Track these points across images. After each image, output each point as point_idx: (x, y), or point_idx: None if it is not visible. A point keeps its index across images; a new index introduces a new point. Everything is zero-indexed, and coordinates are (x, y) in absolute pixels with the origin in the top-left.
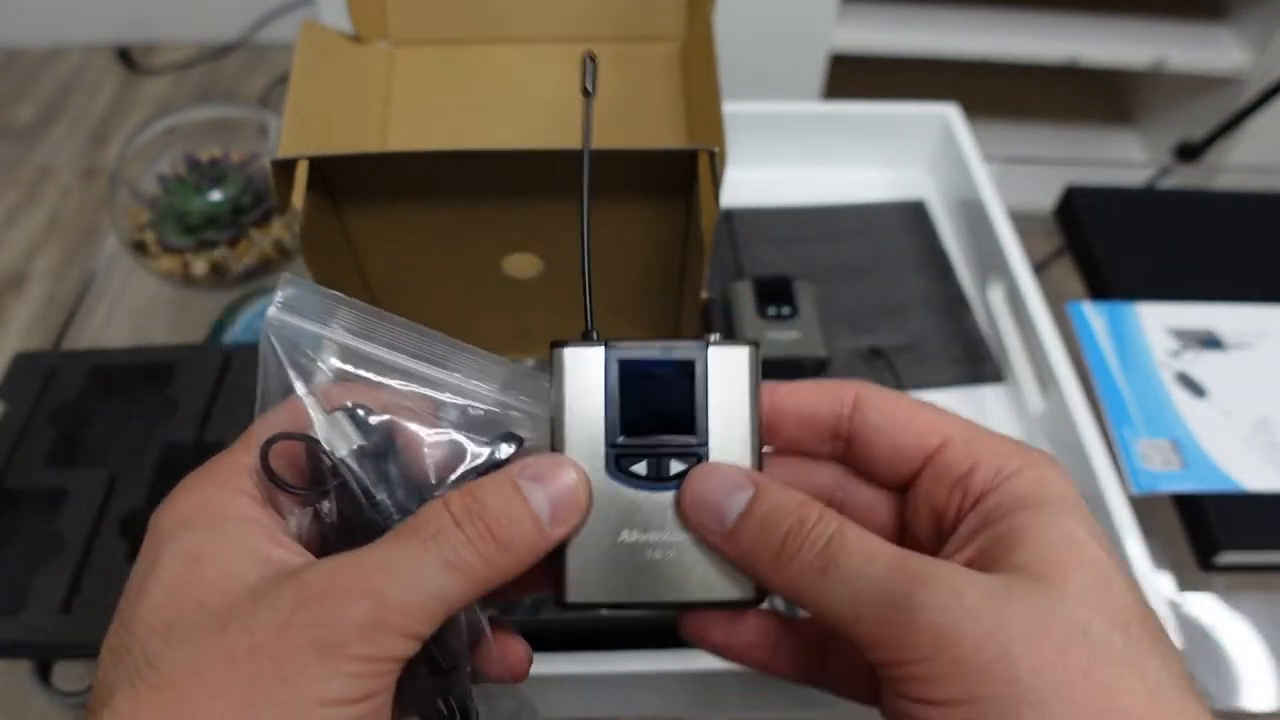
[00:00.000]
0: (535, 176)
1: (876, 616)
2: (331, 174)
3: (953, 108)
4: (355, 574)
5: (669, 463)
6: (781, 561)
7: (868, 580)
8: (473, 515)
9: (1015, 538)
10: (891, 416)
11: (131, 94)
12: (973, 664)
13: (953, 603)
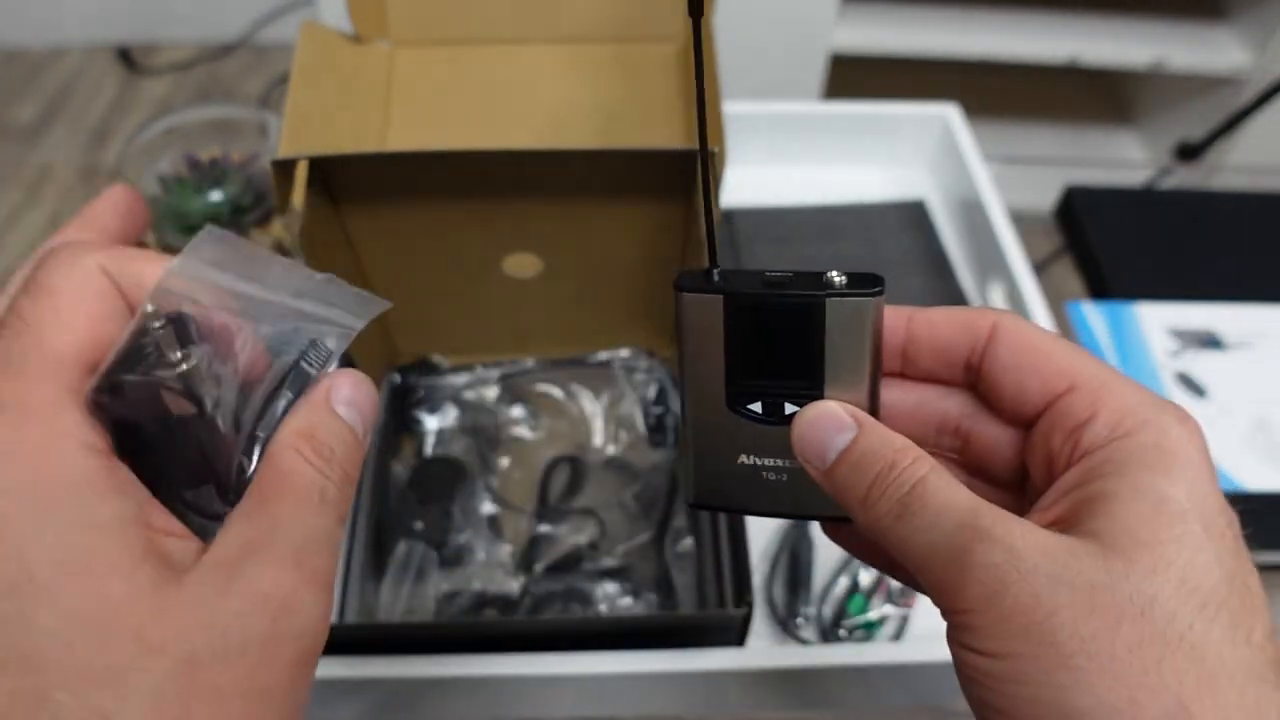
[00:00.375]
0: (535, 176)
1: (940, 565)
2: (331, 174)
3: (953, 108)
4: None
5: (783, 404)
6: (867, 503)
7: (938, 531)
8: (329, 461)
9: (1101, 503)
10: (1022, 355)
11: (132, 94)
12: (1017, 623)
13: (1006, 561)
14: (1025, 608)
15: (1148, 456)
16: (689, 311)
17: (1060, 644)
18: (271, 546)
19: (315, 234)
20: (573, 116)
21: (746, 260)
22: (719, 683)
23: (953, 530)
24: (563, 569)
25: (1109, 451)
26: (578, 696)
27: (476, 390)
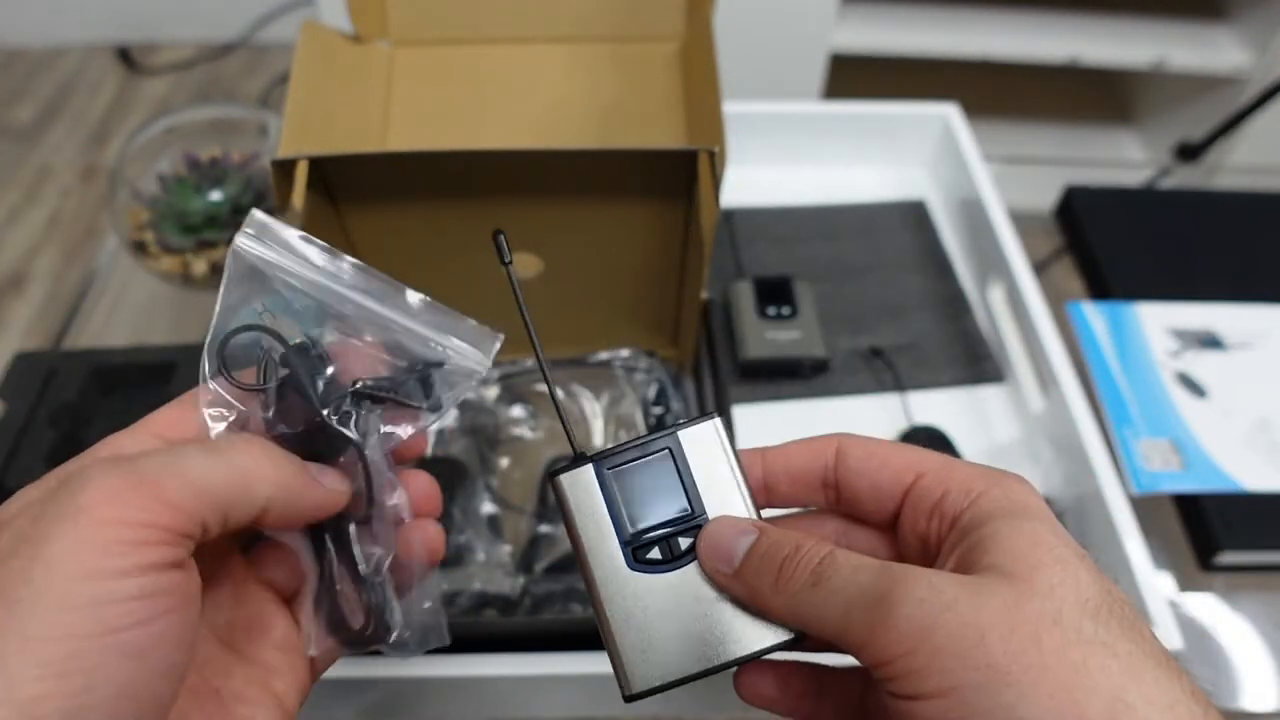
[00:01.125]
0: (535, 177)
1: (863, 618)
2: (331, 174)
3: (953, 108)
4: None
5: (678, 541)
6: (780, 585)
7: (856, 586)
8: None
9: (986, 544)
10: (869, 461)
11: (131, 94)
12: (951, 652)
13: (930, 596)
14: (956, 637)
15: (1006, 507)
16: (569, 493)
17: (996, 664)
18: None
19: (315, 233)
20: (572, 116)
21: (746, 260)
22: (719, 683)
23: (870, 582)
24: (563, 569)
25: (973, 510)
26: (578, 696)
27: (476, 390)
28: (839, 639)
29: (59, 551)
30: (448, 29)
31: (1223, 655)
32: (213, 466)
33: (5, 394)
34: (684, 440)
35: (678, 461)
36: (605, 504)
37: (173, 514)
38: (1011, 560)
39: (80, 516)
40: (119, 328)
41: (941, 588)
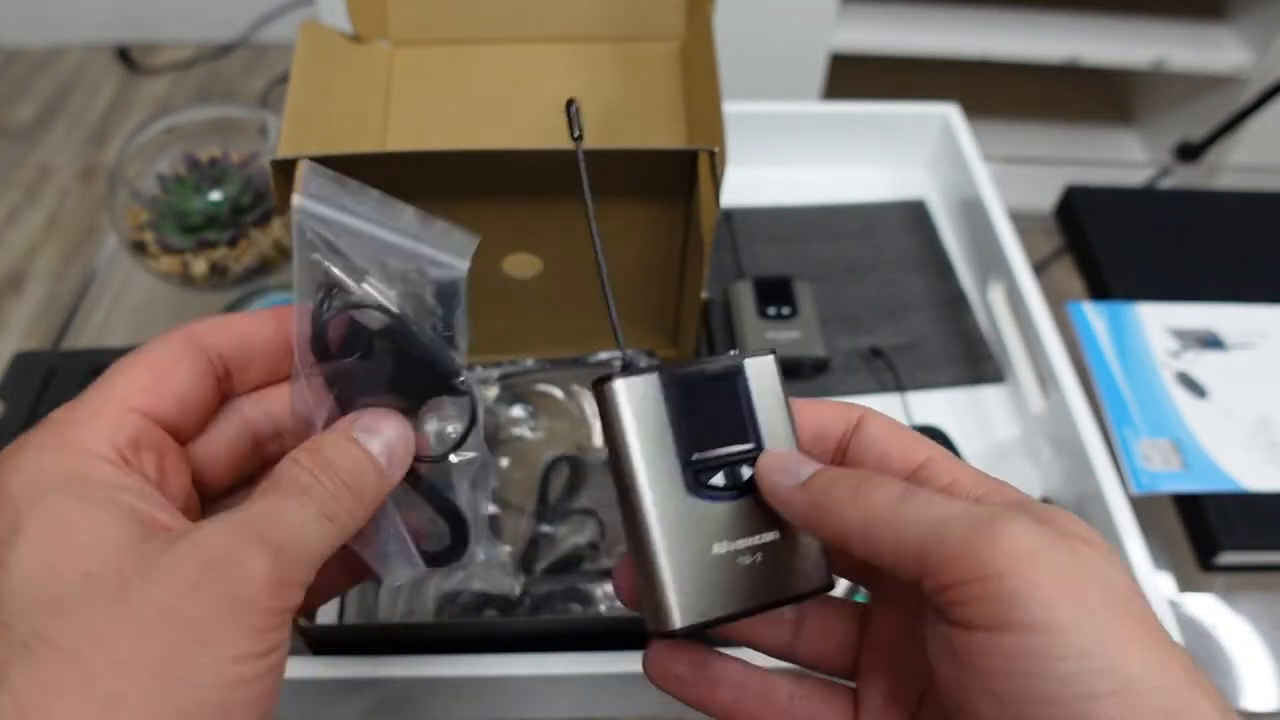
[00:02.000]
0: (534, 177)
1: (962, 533)
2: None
3: (953, 108)
4: (249, 531)
5: (742, 469)
6: (862, 494)
7: (954, 506)
8: (325, 469)
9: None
10: (888, 433)
11: (131, 94)
12: (1056, 587)
13: (1035, 529)
14: (1062, 573)
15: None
16: (624, 401)
17: (1096, 611)
18: (228, 515)
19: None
20: None
21: (746, 260)
22: None
23: (964, 510)
24: (563, 569)
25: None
26: (578, 696)
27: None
28: (917, 555)
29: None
30: (447, 29)
31: (1223, 655)
32: (330, 539)
33: (5, 394)
34: (749, 368)
35: (742, 389)
36: (667, 420)
37: (302, 594)
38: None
39: (241, 608)
40: (118, 328)
41: (1042, 530)
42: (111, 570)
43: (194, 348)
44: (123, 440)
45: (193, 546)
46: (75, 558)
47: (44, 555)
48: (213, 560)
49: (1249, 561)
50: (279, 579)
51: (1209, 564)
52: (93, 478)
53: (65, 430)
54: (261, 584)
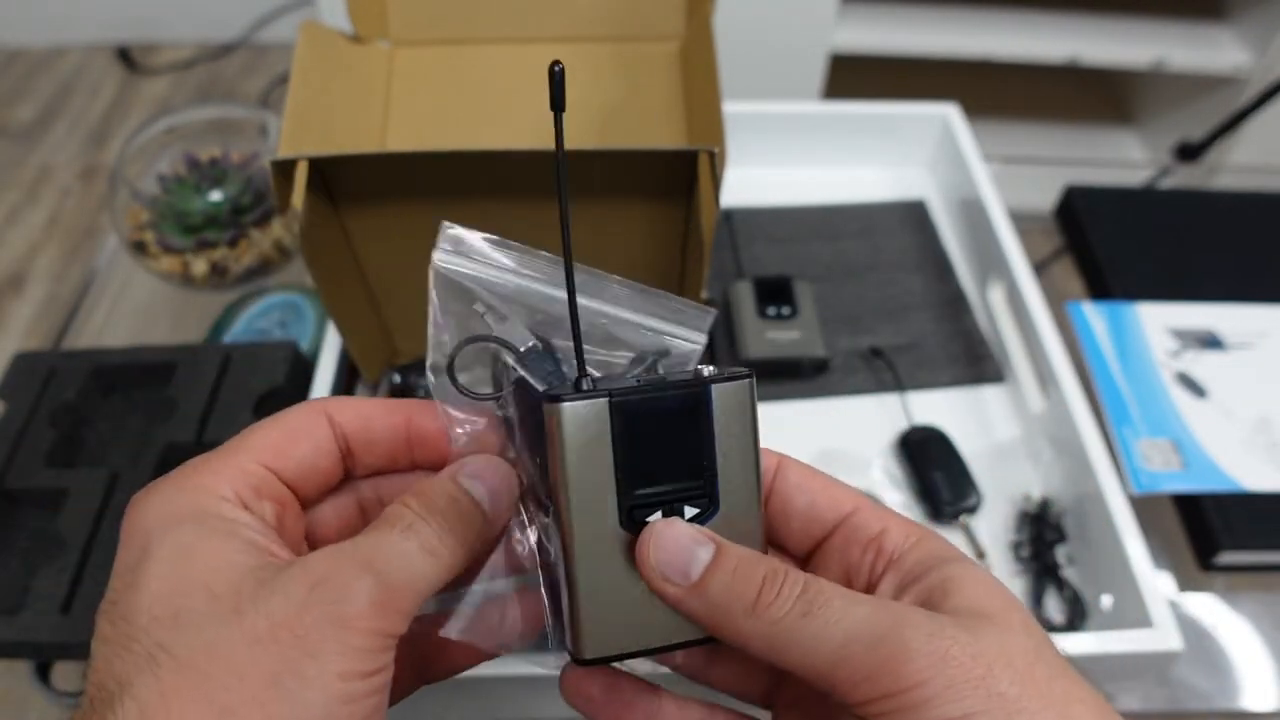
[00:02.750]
0: (534, 176)
1: (865, 653)
2: (330, 174)
3: (953, 108)
4: (355, 558)
5: (683, 508)
6: (759, 609)
7: (854, 619)
8: (431, 511)
9: (949, 586)
10: (811, 480)
11: (131, 94)
12: (965, 682)
13: (939, 630)
14: (967, 668)
15: (951, 554)
16: (568, 425)
17: (1005, 693)
18: (339, 547)
19: (315, 234)
20: (572, 115)
21: (746, 260)
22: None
23: (869, 617)
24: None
25: (920, 551)
26: None
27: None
28: (824, 674)
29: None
30: (447, 29)
31: (1223, 655)
32: (432, 572)
33: (5, 394)
34: (715, 398)
35: (705, 420)
36: (613, 448)
37: (405, 622)
38: (982, 604)
39: (345, 627)
40: (119, 328)
41: (943, 624)
42: (230, 589)
43: (323, 423)
44: (245, 487)
45: (303, 570)
46: (198, 578)
47: (169, 576)
48: (320, 581)
49: (1249, 561)
50: (381, 601)
51: (1209, 564)
52: (216, 513)
53: (193, 475)
54: (364, 604)
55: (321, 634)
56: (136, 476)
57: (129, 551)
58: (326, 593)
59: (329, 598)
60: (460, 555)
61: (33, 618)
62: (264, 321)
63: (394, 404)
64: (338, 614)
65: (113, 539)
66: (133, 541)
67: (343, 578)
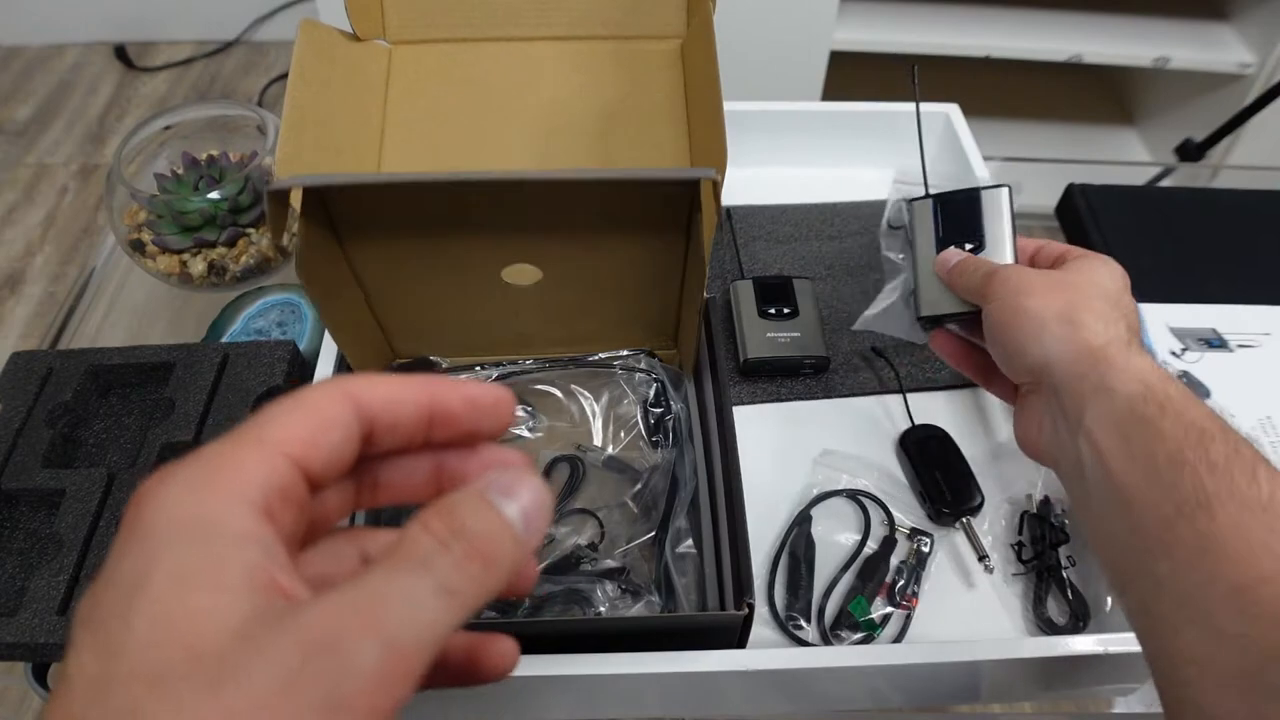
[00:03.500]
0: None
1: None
2: (328, 195)
3: (953, 107)
4: (356, 614)
5: (965, 246)
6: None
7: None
8: (456, 535)
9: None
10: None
11: (129, 92)
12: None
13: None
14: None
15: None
16: (917, 213)
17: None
18: (341, 595)
19: (313, 259)
20: (572, 115)
21: (746, 260)
22: (719, 683)
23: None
24: (562, 570)
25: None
26: (578, 696)
27: None
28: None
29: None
30: (446, 27)
31: None
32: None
33: (2, 394)
34: (984, 196)
35: (977, 206)
36: (934, 222)
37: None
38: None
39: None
40: (116, 327)
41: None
42: (214, 650)
43: (350, 405)
44: (274, 491)
45: (298, 629)
46: (184, 629)
47: (158, 621)
48: (316, 648)
49: None
50: (387, 671)
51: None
52: (227, 530)
53: (215, 473)
54: (368, 679)
55: (312, 717)
56: (134, 477)
57: (130, 559)
58: (322, 666)
59: (325, 672)
60: (485, 591)
61: (30, 619)
62: (262, 321)
63: (419, 382)
64: (334, 695)
65: (110, 540)
66: (136, 549)
67: (343, 644)
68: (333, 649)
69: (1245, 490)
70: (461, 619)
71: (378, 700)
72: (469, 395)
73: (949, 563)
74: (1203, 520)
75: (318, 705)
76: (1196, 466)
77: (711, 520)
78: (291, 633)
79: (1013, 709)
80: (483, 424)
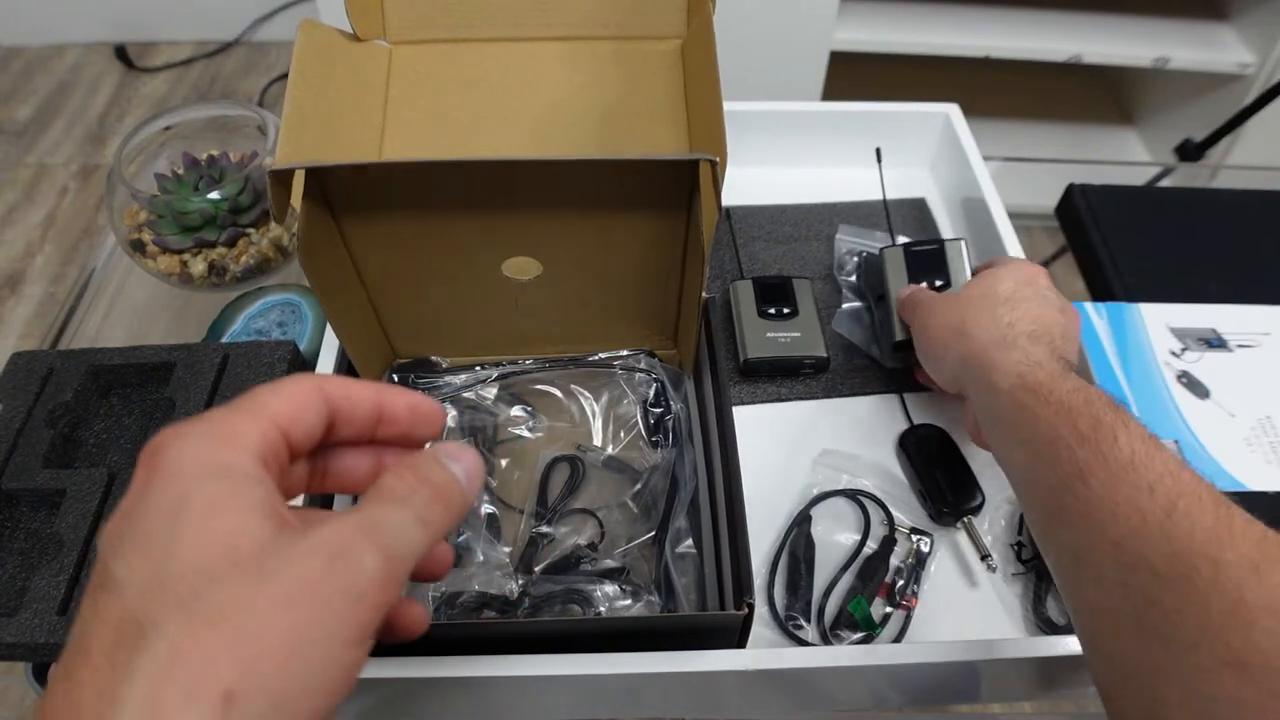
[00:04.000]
0: (533, 184)
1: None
2: (328, 180)
3: (953, 107)
4: (361, 531)
5: (935, 281)
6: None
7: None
8: (423, 482)
9: None
10: None
11: (129, 92)
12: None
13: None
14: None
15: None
16: (889, 259)
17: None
18: (344, 517)
19: (312, 240)
20: (572, 115)
21: (745, 260)
22: (719, 683)
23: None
24: (562, 570)
25: None
26: (578, 696)
27: (475, 390)
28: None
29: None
30: (447, 28)
31: None
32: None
33: (3, 394)
34: (947, 247)
35: (941, 255)
36: (905, 264)
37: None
38: None
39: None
40: (117, 327)
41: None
42: (254, 553)
43: (321, 395)
44: (268, 448)
45: (320, 542)
46: (226, 537)
47: (204, 530)
48: (337, 554)
49: None
50: (386, 574)
51: None
52: (244, 471)
53: (225, 427)
54: (374, 578)
55: (338, 604)
56: None
57: (164, 493)
58: (343, 565)
59: (343, 572)
60: (446, 526)
61: (30, 618)
62: (262, 321)
63: (372, 386)
64: (354, 587)
65: None
66: (169, 484)
67: (355, 552)
68: (346, 555)
69: (1110, 454)
70: (431, 544)
71: (381, 596)
72: (411, 402)
73: (949, 563)
74: (1080, 488)
75: (341, 593)
76: (1069, 441)
77: (711, 520)
78: (313, 543)
79: (1013, 709)
80: (420, 428)
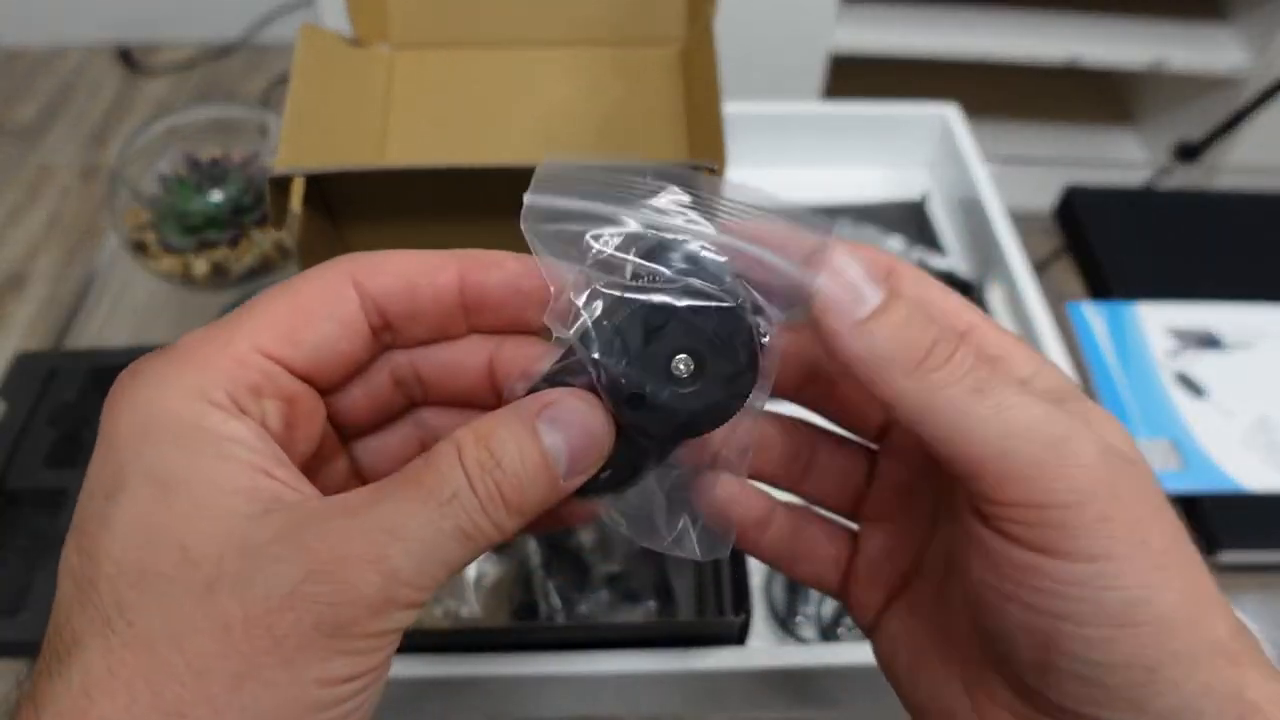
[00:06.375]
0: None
1: (1032, 451)
2: (329, 186)
3: (953, 108)
4: (364, 539)
5: None
6: (925, 370)
7: (1030, 414)
8: (487, 471)
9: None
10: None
11: (132, 94)
12: (1119, 521)
13: (1114, 459)
14: (1129, 504)
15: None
16: None
17: (1150, 544)
18: (352, 516)
19: (312, 249)
20: (573, 119)
21: None
22: (719, 683)
23: (1047, 415)
24: (568, 571)
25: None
26: (578, 696)
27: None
28: (975, 460)
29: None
30: (448, 32)
31: None
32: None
33: (6, 394)
34: None
35: None
36: None
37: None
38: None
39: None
40: (119, 328)
41: (1108, 457)
42: (208, 553)
43: (347, 293)
44: (240, 386)
45: (299, 548)
46: (173, 529)
47: (141, 521)
48: (316, 571)
49: (1249, 561)
50: (388, 600)
51: (1209, 564)
52: (201, 427)
53: (180, 368)
54: (366, 606)
55: (304, 640)
56: None
57: (104, 468)
58: (321, 587)
59: (323, 596)
60: (503, 535)
61: (32, 618)
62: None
63: (442, 258)
64: (331, 619)
65: None
66: (109, 456)
67: (344, 571)
68: (333, 574)
69: None
70: (473, 559)
71: (375, 626)
72: (509, 279)
73: None
74: None
75: (310, 629)
76: None
77: None
78: (294, 549)
79: None
80: (530, 311)
